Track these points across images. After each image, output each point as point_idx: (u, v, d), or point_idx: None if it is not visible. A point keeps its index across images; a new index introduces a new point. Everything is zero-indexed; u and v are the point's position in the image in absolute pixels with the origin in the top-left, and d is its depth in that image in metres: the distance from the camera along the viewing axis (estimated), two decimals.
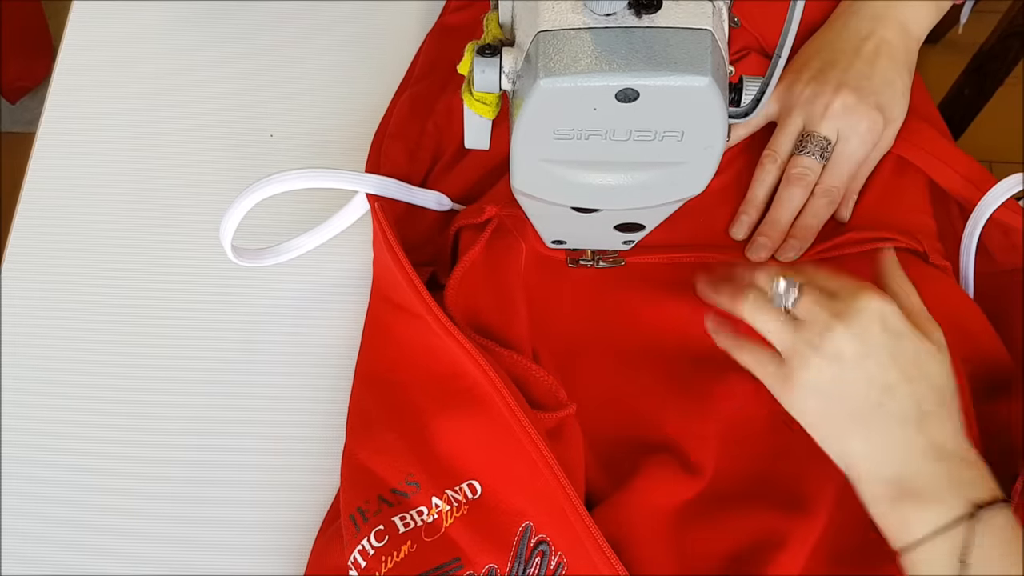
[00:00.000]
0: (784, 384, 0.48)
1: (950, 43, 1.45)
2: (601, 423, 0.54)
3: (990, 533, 0.43)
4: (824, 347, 0.46)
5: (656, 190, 0.43)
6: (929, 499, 0.44)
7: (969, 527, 0.43)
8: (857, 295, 0.47)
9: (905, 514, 0.45)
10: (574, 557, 0.47)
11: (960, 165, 0.59)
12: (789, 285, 0.48)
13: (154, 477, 0.56)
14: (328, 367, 0.59)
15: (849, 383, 0.46)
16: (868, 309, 0.46)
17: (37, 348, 0.60)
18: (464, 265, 0.55)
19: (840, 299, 0.47)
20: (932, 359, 0.47)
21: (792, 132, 0.59)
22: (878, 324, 0.46)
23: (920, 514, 0.44)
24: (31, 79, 1.45)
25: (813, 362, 0.46)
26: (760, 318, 0.49)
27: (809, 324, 0.47)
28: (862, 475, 0.47)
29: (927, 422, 0.46)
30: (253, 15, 0.71)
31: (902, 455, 0.46)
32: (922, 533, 0.44)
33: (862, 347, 0.46)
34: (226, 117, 0.67)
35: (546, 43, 0.36)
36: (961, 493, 0.44)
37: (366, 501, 0.50)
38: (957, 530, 0.43)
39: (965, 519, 0.43)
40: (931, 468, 0.45)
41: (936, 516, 0.44)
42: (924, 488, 0.45)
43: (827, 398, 0.47)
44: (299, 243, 0.59)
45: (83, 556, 0.55)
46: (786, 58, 0.38)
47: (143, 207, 0.64)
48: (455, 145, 0.63)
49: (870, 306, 0.46)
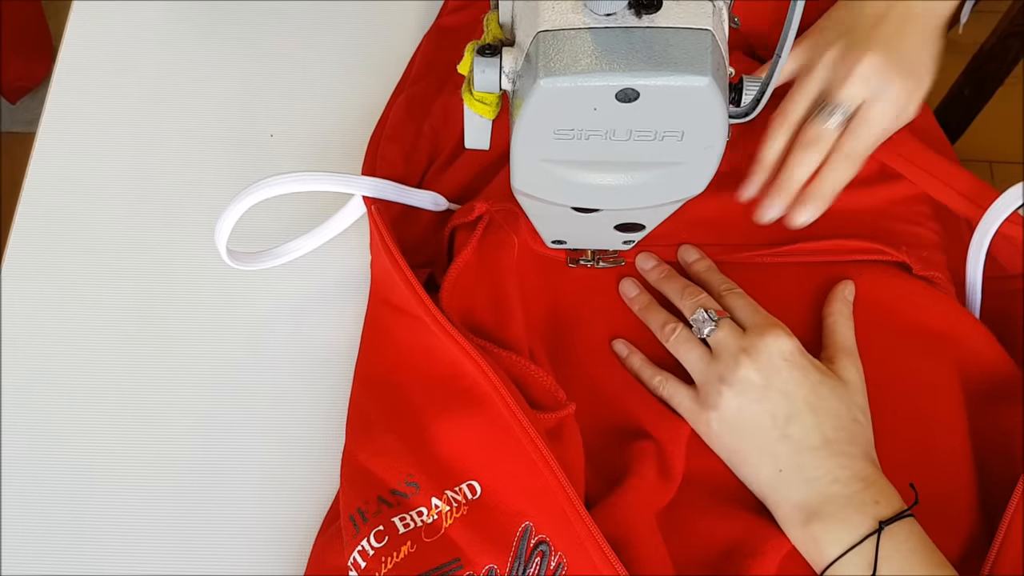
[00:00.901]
0: (698, 417, 0.52)
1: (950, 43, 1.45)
2: (589, 421, 0.54)
3: (895, 546, 0.46)
4: (731, 380, 0.50)
5: (656, 190, 0.43)
6: (834, 520, 0.47)
7: (873, 542, 0.46)
8: (764, 331, 0.51)
9: (815, 536, 0.48)
10: (574, 557, 0.47)
11: (958, 183, 0.59)
12: (708, 317, 0.52)
13: (154, 477, 0.56)
14: (328, 368, 0.59)
15: (755, 414, 0.50)
16: (772, 345, 0.50)
17: (37, 348, 0.60)
18: (458, 266, 0.55)
19: (750, 334, 0.51)
20: (834, 391, 0.50)
21: (810, 93, 0.55)
22: (780, 359, 0.50)
23: (828, 535, 0.47)
24: (31, 79, 1.45)
25: (723, 394, 0.50)
26: (685, 350, 0.53)
27: (722, 356, 0.51)
28: (775, 501, 0.50)
29: (829, 449, 0.49)
30: (253, 15, 0.71)
31: (808, 481, 0.49)
32: (834, 553, 0.47)
33: (765, 381, 0.50)
34: (226, 117, 0.67)
35: (546, 43, 0.36)
36: (865, 512, 0.47)
37: (366, 502, 0.50)
38: (864, 546, 0.47)
39: (871, 535, 0.47)
40: (835, 491, 0.48)
41: (844, 535, 0.47)
42: (829, 511, 0.48)
43: (736, 429, 0.51)
44: (296, 246, 0.59)
45: (84, 556, 0.55)
46: (786, 58, 0.38)
47: (144, 207, 0.64)
48: (451, 146, 0.63)
49: (775, 343, 0.50)
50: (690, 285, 0.56)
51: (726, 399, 0.50)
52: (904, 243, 0.58)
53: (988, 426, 0.54)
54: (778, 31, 0.38)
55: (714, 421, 0.51)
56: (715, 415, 0.51)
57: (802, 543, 0.49)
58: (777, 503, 0.50)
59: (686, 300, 0.54)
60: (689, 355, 0.53)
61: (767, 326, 0.51)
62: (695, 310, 0.53)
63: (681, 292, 0.55)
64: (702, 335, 0.53)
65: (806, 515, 0.48)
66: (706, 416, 0.51)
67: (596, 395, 0.56)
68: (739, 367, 0.50)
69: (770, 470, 0.50)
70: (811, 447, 0.49)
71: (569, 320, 0.58)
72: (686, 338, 0.54)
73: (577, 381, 0.55)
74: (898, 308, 0.56)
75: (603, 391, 0.56)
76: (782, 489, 0.49)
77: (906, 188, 0.60)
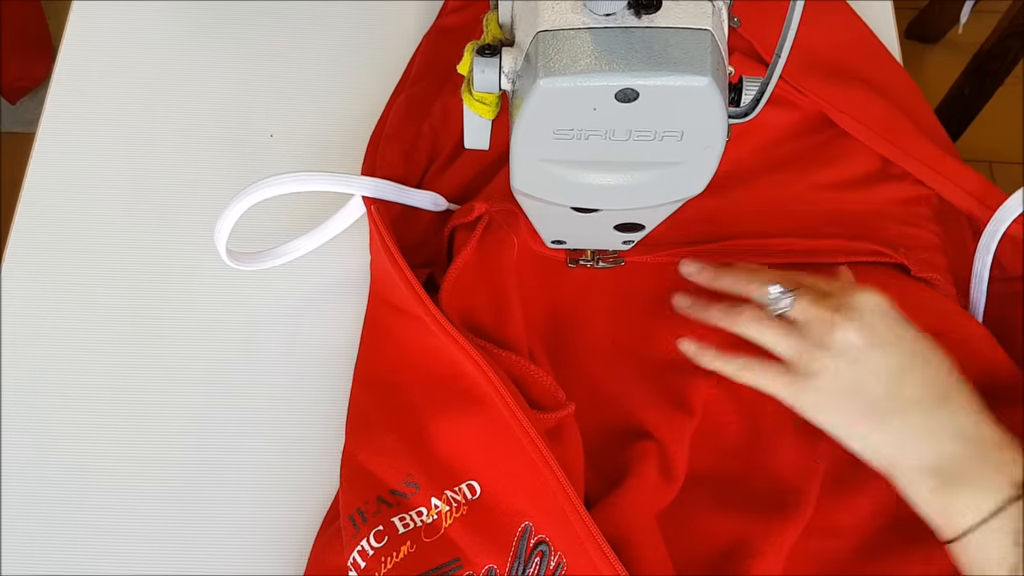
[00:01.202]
0: (797, 390, 0.47)
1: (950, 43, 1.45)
2: (589, 421, 0.54)
3: None
4: (830, 343, 0.46)
5: (656, 190, 0.43)
6: (972, 484, 0.43)
7: (1019, 509, 0.42)
8: (850, 290, 0.47)
9: (950, 502, 0.44)
10: (574, 557, 0.47)
11: (966, 181, 0.59)
12: (783, 291, 0.48)
13: (154, 477, 0.56)
14: (328, 368, 0.59)
15: (861, 375, 0.46)
16: (866, 300, 0.46)
17: (37, 348, 0.60)
18: (457, 266, 0.55)
19: (835, 296, 0.47)
20: (934, 343, 0.47)
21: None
22: (879, 313, 0.46)
23: (966, 500, 0.43)
24: (31, 79, 1.45)
25: (822, 361, 0.46)
26: (759, 329, 0.49)
27: (811, 324, 0.47)
28: (897, 468, 0.46)
29: (949, 404, 0.45)
30: (253, 16, 0.71)
31: (932, 441, 0.45)
32: (972, 520, 0.43)
33: (869, 337, 0.45)
34: (226, 117, 0.67)
35: (546, 43, 0.36)
36: (1003, 474, 0.43)
37: (365, 502, 0.50)
38: (1009, 512, 0.42)
39: (1014, 501, 0.43)
40: (965, 451, 0.44)
41: (983, 501, 0.43)
42: (963, 473, 0.44)
43: (842, 395, 0.46)
44: (295, 246, 0.59)
45: (83, 556, 0.55)
46: (786, 58, 0.38)
47: (142, 207, 0.64)
48: (451, 146, 0.63)
49: (868, 298, 0.46)
50: (752, 268, 0.52)
51: (826, 364, 0.46)
52: (903, 245, 0.58)
53: None
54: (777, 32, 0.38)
55: (815, 390, 0.46)
56: (815, 383, 0.46)
57: (932, 511, 0.45)
58: (898, 470, 0.46)
59: (753, 283, 0.50)
60: (769, 332, 0.48)
61: (850, 285, 0.48)
62: (765, 288, 0.49)
63: (746, 277, 0.51)
64: (780, 310, 0.48)
65: (938, 480, 0.44)
66: (806, 387, 0.47)
67: (596, 395, 0.56)
68: (835, 328, 0.46)
69: (886, 435, 0.45)
70: (927, 403, 0.45)
71: (569, 320, 0.58)
72: (758, 317, 0.49)
73: (577, 381, 0.55)
74: None
75: (603, 391, 0.56)
76: (901, 453, 0.45)
77: (906, 190, 0.60)
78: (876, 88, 0.63)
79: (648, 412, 0.54)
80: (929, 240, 0.59)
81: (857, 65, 0.63)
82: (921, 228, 0.59)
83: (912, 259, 0.57)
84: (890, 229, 0.59)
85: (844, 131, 0.62)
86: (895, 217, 0.59)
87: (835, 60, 0.64)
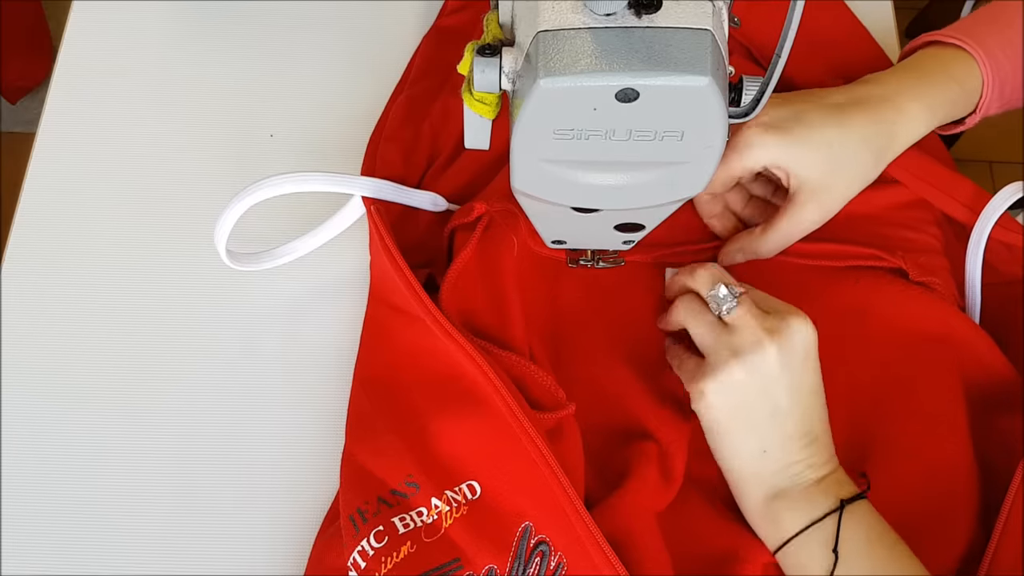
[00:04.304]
0: (696, 382, 0.50)
1: None
2: (589, 421, 0.54)
3: (854, 523, 0.48)
4: (746, 355, 0.49)
5: (656, 190, 0.43)
6: (800, 499, 0.49)
7: (835, 519, 0.48)
8: (789, 316, 0.50)
9: (777, 513, 0.49)
10: (574, 557, 0.47)
11: (958, 192, 0.59)
12: (730, 292, 0.50)
13: (153, 477, 0.56)
14: (328, 368, 0.59)
15: (758, 395, 0.49)
16: (799, 331, 0.49)
17: (37, 348, 0.60)
18: (457, 267, 0.55)
19: (773, 316, 0.50)
20: (819, 388, 0.51)
21: None
22: (801, 350, 0.49)
23: (791, 512, 0.49)
24: (31, 79, 1.45)
25: (731, 366, 0.49)
26: (692, 322, 0.52)
27: (741, 332, 0.49)
28: (744, 477, 0.51)
29: (814, 439, 0.50)
30: (253, 15, 0.71)
31: (787, 465, 0.49)
32: (795, 528, 0.48)
33: (780, 367, 0.49)
34: (226, 117, 0.67)
35: (546, 43, 0.36)
36: (828, 492, 0.49)
37: (365, 502, 0.50)
38: (826, 523, 0.48)
39: (832, 513, 0.48)
40: (808, 476, 0.49)
41: (806, 512, 0.48)
42: (796, 492, 0.49)
43: (733, 403, 0.49)
44: (296, 247, 0.59)
45: (83, 556, 0.55)
46: (786, 58, 0.38)
47: (143, 207, 0.64)
48: (451, 147, 0.63)
49: (802, 330, 0.49)
50: (705, 264, 0.53)
51: (733, 372, 0.49)
52: (903, 249, 0.57)
53: (989, 431, 0.54)
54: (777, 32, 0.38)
55: (712, 392, 0.49)
56: (714, 386, 0.49)
57: (762, 520, 0.50)
58: (745, 481, 0.50)
59: (700, 278, 0.52)
60: (700, 325, 0.51)
61: (791, 312, 0.50)
62: (713, 284, 0.51)
63: (697, 272, 0.53)
64: (720, 311, 0.50)
65: (773, 494, 0.49)
66: (705, 385, 0.50)
67: (597, 395, 0.55)
68: (759, 346, 0.48)
69: (753, 450, 0.50)
70: (800, 435, 0.49)
71: (569, 320, 0.58)
72: (699, 309, 0.51)
73: (577, 381, 0.55)
74: (895, 313, 0.56)
75: (603, 391, 0.56)
76: (757, 469, 0.50)
77: (906, 194, 0.60)
78: None
79: (648, 412, 0.54)
80: (929, 244, 0.59)
81: (853, 72, 0.63)
82: (921, 232, 0.59)
83: (910, 263, 0.57)
84: (889, 233, 0.59)
85: None
86: (895, 221, 0.59)
87: (832, 66, 0.64)
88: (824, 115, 0.53)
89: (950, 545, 0.50)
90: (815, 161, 0.53)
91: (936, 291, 0.57)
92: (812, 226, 0.55)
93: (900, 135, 0.55)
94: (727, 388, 0.49)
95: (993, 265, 0.58)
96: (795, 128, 0.53)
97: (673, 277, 0.56)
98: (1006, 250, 0.58)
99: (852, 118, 0.53)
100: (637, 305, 0.58)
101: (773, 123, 0.53)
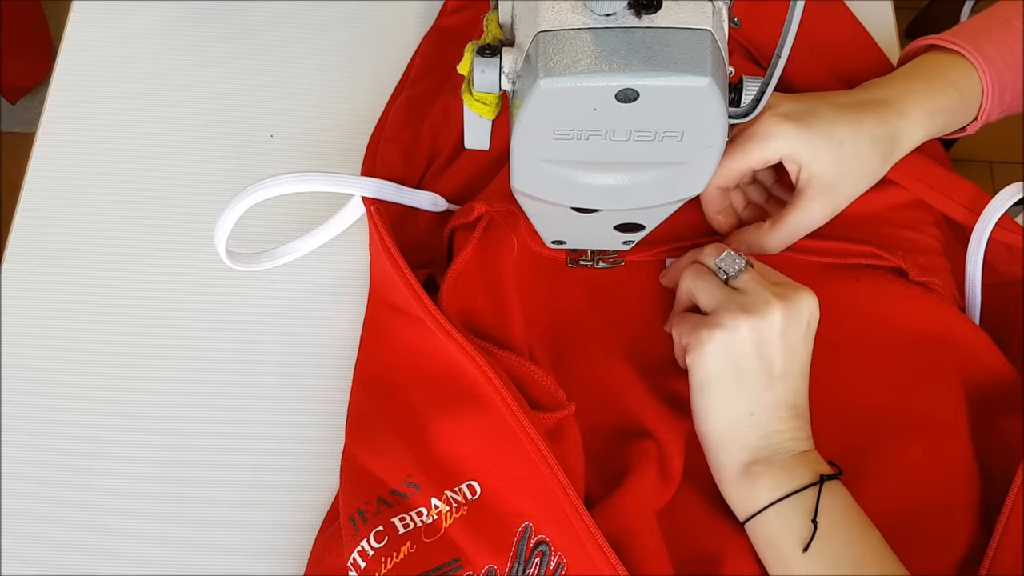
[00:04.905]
0: (698, 331, 0.49)
1: None
2: (589, 421, 0.54)
3: (832, 499, 0.48)
4: (755, 312, 0.48)
5: (656, 190, 0.43)
6: (780, 468, 0.49)
7: (815, 492, 0.48)
8: (797, 287, 0.50)
9: (754, 480, 0.49)
10: (574, 557, 0.47)
11: (958, 194, 0.59)
12: (738, 256, 0.51)
13: (153, 477, 0.56)
14: (327, 368, 0.59)
15: (755, 356, 0.49)
16: (806, 301, 0.49)
17: (37, 348, 0.60)
18: (457, 267, 0.55)
19: (781, 286, 0.50)
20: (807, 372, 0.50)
21: None
22: (805, 319, 0.49)
23: (772, 481, 0.48)
24: (31, 79, 1.45)
25: (739, 320, 0.48)
26: (699, 283, 0.51)
27: (748, 294, 0.49)
28: (726, 440, 0.50)
29: (798, 412, 0.50)
30: (253, 15, 0.71)
31: (771, 433, 0.49)
32: (772, 497, 0.48)
33: (783, 331, 0.48)
34: (225, 117, 0.67)
35: (546, 43, 0.36)
36: (808, 467, 0.49)
37: (365, 502, 0.50)
38: (806, 494, 0.48)
39: (812, 486, 0.48)
40: (789, 447, 0.49)
41: (784, 483, 0.48)
42: (778, 460, 0.49)
43: (729, 360, 0.49)
44: (295, 247, 0.59)
45: (83, 556, 0.55)
46: (786, 58, 0.38)
47: (143, 207, 0.64)
48: (451, 147, 0.63)
49: (808, 301, 0.49)
50: None
51: (739, 325, 0.48)
52: (903, 248, 0.57)
53: (989, 431, 0.54)
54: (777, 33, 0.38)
55: (712, 341, 0.49)
56: (719, 335, 0.48)
57: (738, 487, 0.50)
58: (725, 443, 0.50)
59: (706, 251, 0.52)
60: (707, 284, 0.51)
61: (799, 286, 0.50)
62: (721, 253, 0.51)
63: (703, 249, 0.53)
64: (728, 276, 0.50)
65: (752, 460, 0.49)
66: (708, 333, 0.49)
67: (596, 395, 0.55)
68: (768, 305, 0.48)
69: (740, 411, 0.49)
70: (787, 405, 0.49)
71: (569, 320, 0.58)
72: (705, 272, 0.51)
73: (577, 381, 0.55)
74: (894, 313, 0.56)
75: (603, 391, 0.56)
76: (741, 432, 0.49)
77: (906, 194, 0.60)
78: None
79: (647, 411, 0.54)
80: (929, 244, 0.59)
81: (853, 73, 0.63)
82: (921, 232, 0.59)
83: (910, 263, 0.57)
84: (889, 233, 0.59)
85: None
86: (894, 221, 0.59)
87: (831, 67, 0.64)
88: (837, 112, 0.53)
89: (950, 546, 0.50)
90: (828, 157, 0.53)
91: (936, 291, 0.57)
92: (818, 223, 0.55)
93: (903, 139, 0.55)
94: (729, 340, 0.48)
95: (993, 266, 0.58)
96: (812, 121, 0.53)
97: (672, 265, 0.57)
98: (1006, 251, 0.58)
99: (863, 118, 0.54)
100: (637, 305, 0.58)
101: (790, 114, 0.53)
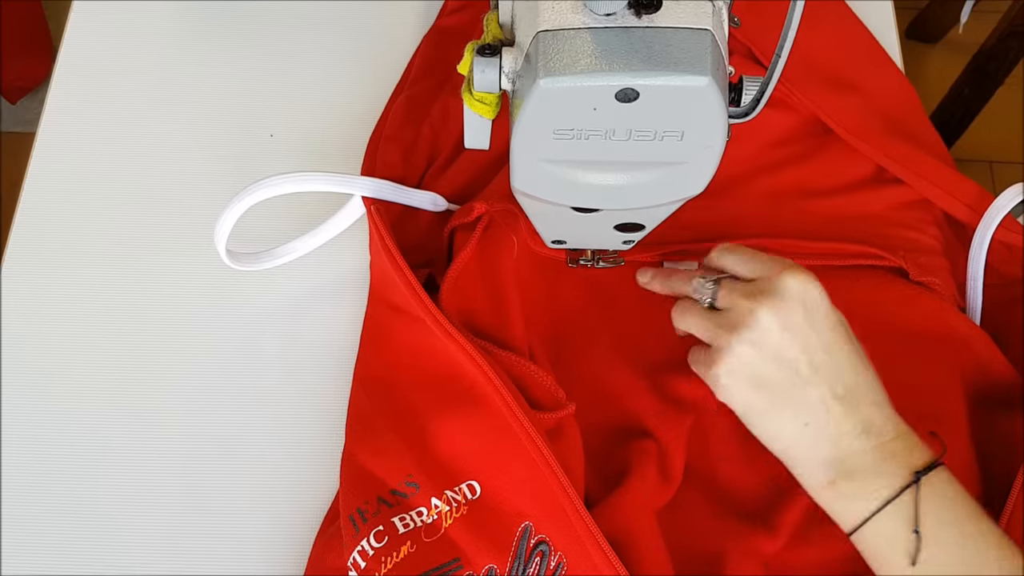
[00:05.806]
0: (709, 371, 0.47)
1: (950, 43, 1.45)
2: (589, 421, 0.54)
3: (934, 496, 0.43)
4: (741, 327, 0.46)
5: (656, 190, 0.43)
6: (868, 474, 0.44)
7: (913, 494, 0.43)
8: (778, 273, 0.46)
9: (847, 493, 0.45)
10: (574, 557, 0.47)
11: (961, 192, 0.59)
12: (705, 282, 0.49)
13: (153, 477, 0.56)
14: (327, 368, 0.59)
15: (771, 363, 0.45)
16: (789, 284, 0.45)
17: (37, 348, 0.60)
18: (457, 267, 0.55)
19: (759, 282, 0.47)
20: (846, 333, 0.46)
21: None
22: (798, 298, 0.45)
23: (863, 491, 0.44)
24: (31, 79, 1.45)
25: (731, 343, 0.46)
26: (687, 321, 0.49)
27: (731, 311, 0.47)
28: (798, 459, 0.46)
29: (855, 399, 0.45)
30: (254, 15, 0.71)
31: (837, 436, 0.45)
32: (869, 510, 0.44)
33: (783, 320, 0.45)
34: (226, 117, 0.67)
35: (546, 43, 0.36)
36: (899, 463, 0.44)
37: (365, 502, 0.50)
38: (903, 500, 0.43)
39: (908, 488, 0.43)
40: (864, 444, 0.45)
41: (879, 489, 0.44)
42: (859, 466, 0.44)
43: (747, 378, 0.46)
44: (296, 246, 0.59)
45: (83, 556, 0.55)
46: (786, 58, 0.38)
47: (143, 207, 0.64)
48: (450, 147, 0.63)
49: (792, 282, 0.46)
50: (690, 271, 0.53)
51: (736, 349, 0.46)
52: (903, 248, 0.57)
53: (989, 431, 0.54)
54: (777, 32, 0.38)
55: (724, 376, 0.46)
56: (725, 369, 0.46)
57: (829, 502, 0.46)
58: (800, 465, 0.46)
59: (676, 283, 0.52)
60: (693, 319, 0.49)
61: (779, 270, 0.46)
62: (691, 282, 0.49)
63: (682, 277, 0.52)
64: (706, 302, 0.49)
65: (835, 472, 0.45)
66: (718, 369, 0.46)
67: (596, 395, 0.55)
68: (752, 315, 0.45)
69: (794, 426, 0.45)
70: (835, 398, 0.45)
71: (569, 320, 0.58)
72: (688, 307, 0.50)
73: (577, 381, 0.55)
74: (894, 312, 0.56)
75: (603, 391, 0.56)
76: (807, 447, 0.45)
77: (906, 194, 0.60)
78: (873, 97, 0.63)
79: (647, 411, 0.54)
80: (929, 244, 0.59)
81: (855, 71, 0.63)
82: (921, 232, 0.59)
83: (910, 263, 0.57)
84: (889, 233, 0.59)
85: None
86: (895, 221, 0.59)
87: (833, 66, 0.64)
88: None
89: None
90: None
91: (936, 291, 0.57)
92: None
93: None
94: (737, 367, 0.46)
95: (994, 266, 0.58)
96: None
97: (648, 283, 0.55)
98: (1007, 251, 0.58)
99: None
100: (637, 305, 0.58)
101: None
